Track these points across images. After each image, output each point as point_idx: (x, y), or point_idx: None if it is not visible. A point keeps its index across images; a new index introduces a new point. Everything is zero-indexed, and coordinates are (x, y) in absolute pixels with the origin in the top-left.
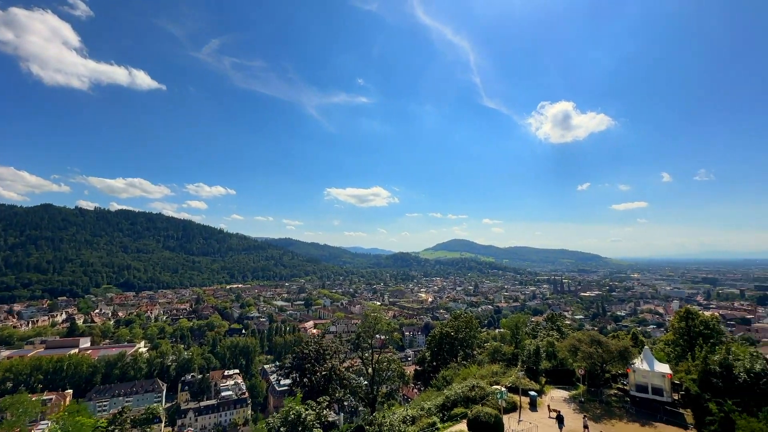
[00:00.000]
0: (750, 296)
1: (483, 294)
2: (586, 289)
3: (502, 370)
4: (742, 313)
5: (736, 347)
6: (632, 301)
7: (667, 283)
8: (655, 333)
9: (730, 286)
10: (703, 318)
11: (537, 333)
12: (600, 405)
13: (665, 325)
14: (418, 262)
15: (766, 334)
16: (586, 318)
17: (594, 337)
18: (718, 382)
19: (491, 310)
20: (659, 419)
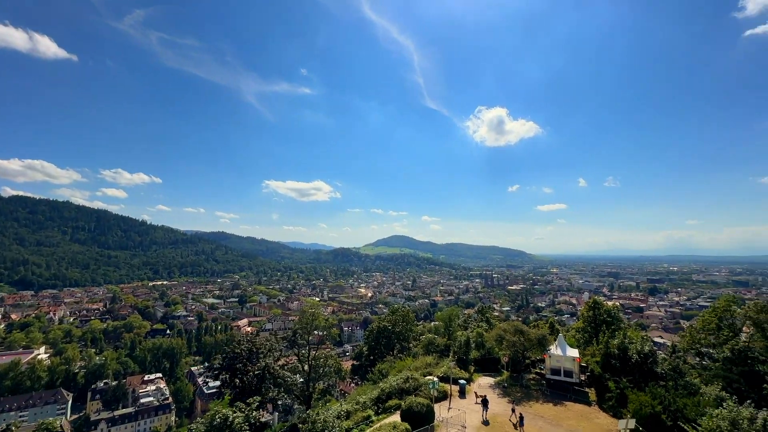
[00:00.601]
0: (643, 288)
1: (420, 288)
2: (513, 282)
3: (435, 361)
4: (637, 302)
5: (631, 332)
6: (551, 293)
7: (580, 277)
8: (569, 321)
9: (628, 279)
10: (606, 307)
11: (468, 325)
12: (521, 389)
13: (577, 314)
14: (359, 258)
15: (654, 320)
16: (512, 309)
17: (517, 327)
18: (616, 363)
19: (428, 303)
20: (569, 398)
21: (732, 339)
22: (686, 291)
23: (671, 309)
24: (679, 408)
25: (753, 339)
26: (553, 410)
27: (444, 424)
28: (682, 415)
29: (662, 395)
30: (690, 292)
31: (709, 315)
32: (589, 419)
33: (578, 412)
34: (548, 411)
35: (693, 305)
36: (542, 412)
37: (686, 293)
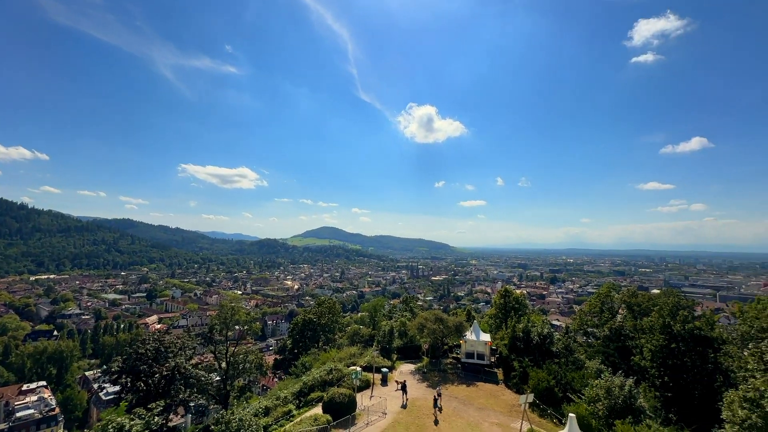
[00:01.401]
0: (546, 277)
1: (349, 280)
2: (437, 273)
3: (359, 351)
4: (540, 290)
5: (534, 317)
6: (470, 283)
7: (495, 268)
8: (484, 308)
9: (534, 269)
10: (515, 295)
11: (393, 315)
12: (438, 373)
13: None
14: (286, 249)
15: (553, 305)
16: (435, 299)
17: (437, 315)
18: (521, 345)
19: (355, 295)
20: (480, 379)
21: (610, 320)
22: (579, 280)
23: (567, 295)
24: (569, 381)
25: (625, 319)
26: (466, 391)
27: (365, 412)
28: (570, 387)
29: (556, 371)
30: (582, 281)
31: (594, 300)
32: (496, 397)
33: (488, 391)
34: (462, 392)
35: (583, 292)
36: (456, 393)
37: (579, 282)
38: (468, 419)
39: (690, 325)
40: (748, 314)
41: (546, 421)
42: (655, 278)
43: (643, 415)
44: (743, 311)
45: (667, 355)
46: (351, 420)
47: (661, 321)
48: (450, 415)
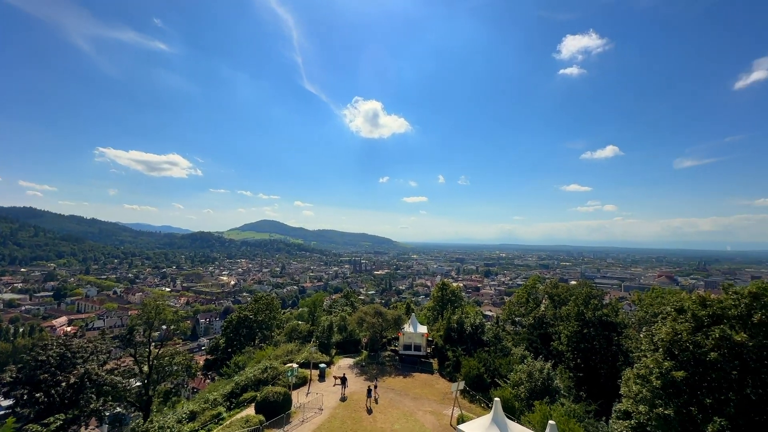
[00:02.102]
0: (481, 271)
1: (290, 275)
2: (379, 268)
3: (297, 348)
4: (476, 283)
5: (468, 308)
6: (411, 277)
7: (435, 262)
8: (424, 301)
9: (471, 263)
10: (452, 288)
11: (334, 309)
12: (377, 366)
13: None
14: (222, 243)
15: (487, 297)
16: (377, 293)
17: (377, 309)
18: (455, 335)
19: (296, 290)
20: (417, 370)
21: (535, 309)
22: (510, 273)
23: (499, 287)
24: (496, 367)
25: (547, 308)
26: (403, 382)
27: (301, 410)
28: (498, 373)
29: (485, 359)
30: (512, 274)
31: (521, 291)
32: (431, 386)
33: (423, 381)
34: (398, 383)
35: (513, 284)
36: (393, 384)
37: (510, 274)
38: (403, 409)
39: (599, 312)
40: (644, 302)
41: (475, 406)
42: (573, 271)
43: (558, 395)
44: (641, 299)
45: (580, 340)
46: (285, 419)
47: (576, 309)
48: (386, 407)
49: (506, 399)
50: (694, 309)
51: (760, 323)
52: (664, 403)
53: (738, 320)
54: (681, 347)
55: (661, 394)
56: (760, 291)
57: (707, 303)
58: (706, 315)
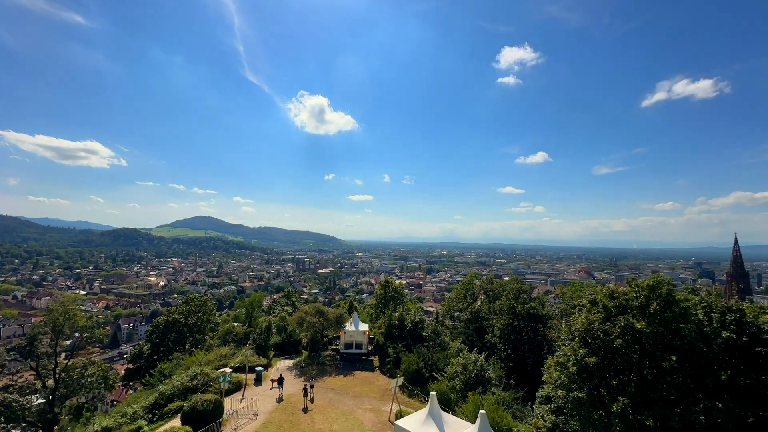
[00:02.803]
0: (423, 268)
1: (227, 275)
2: (323, 266)
3: (231, 352)
4: (418, 280)
5: (410, 305)
6: (355, 275)
7: (379, 260)
8: (368, 299)
9: (414, 261)
10: (394, 286)
11: (274, 309)
12: (317, 366)
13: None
14: (150, 241)
15: (428, 293)
16: (321, 291)
17: (318, 308)
18: (395, 332)
19: (234, 290)
20: (357, 368)
21: (471, 304)
22: (450, 270)
23: (440, 284)
24: (435, 362)
25: (483, 303)
26: (343, 381)
27: (234, 417)
28: (435, 367)
29: (424, 353)
30: (452, 271)
31: (459, 288)
32: (371, 383)
33: (364, 379)
34: (339, 382)
35: (453, 280)
36: (333, 384)
37: (450, 271)
38: (342, 408)
39: (528, 306)
40: (566, 295)
41: (414, 401)
42: (507, 267)
43: (490, 385)
44: (563, 293)
45: (511, 332)
46: (216, 428)
47: (507, 303)
48: (325, 407)
49: (443, 392)
50: (605, 301)
51: (655, 312)
52: (578, 387)
53: (639, 310)
54: (593, 336)
55: (577, 379)
56: (656, 284)
57: (615, 295)
58: (614, 306)
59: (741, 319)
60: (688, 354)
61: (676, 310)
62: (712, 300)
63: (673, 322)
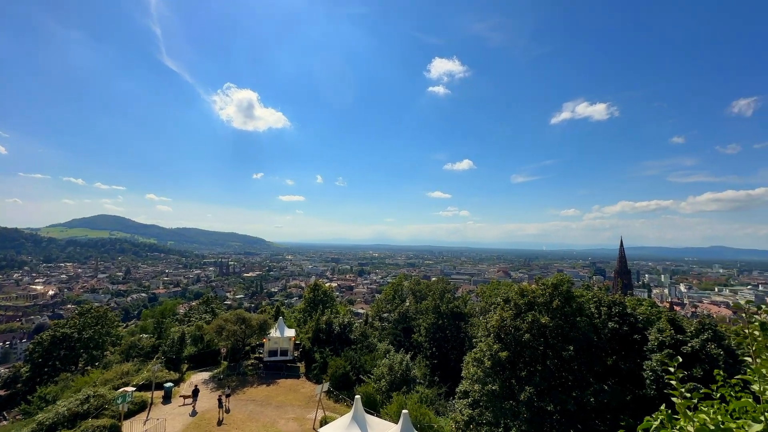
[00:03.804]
0: (355, 270)
1: (136, 280)
2: (250, 269)
3: (135, 368)
4: (349, 282)
5: (340, 307)
6: (284, 278)
7: (310, 262)
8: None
9: (346, 263)
10: (324, 289)
11: (190, 318)
12: (238, 377)
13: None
14: (37, 243)
15: (359, 295)
16: (246, 296)
17: (239, 315)
18: (323, 336)
19: (145, 298)
20: (282, 376)
21: (400, 305)
22: (381, 271)
23: (371, 286)
24: (362, 364)
25: (411, 304)
26: (266, 390)
27: None
28: (363, 369)
29: (352, 357)
30: (383, 272)
31: (389, 289)
32: (296, 391)
33: (288, 387)
34: (261, 393)
35: (384, 282)
36: (255, 395)
37: (381, 273)
38: (264, 421)
39: (452, 305)
40: (485, 293)
41: (340, 405)
42: (435, 268)
43: (414, 383)
44: (483, 291)
45: (436, 330)
46: None
47: (433, 303)
48: (245, 420)
49: (369, 394)
50: (516, 299)
51: (557, 308)
52: (492, 380)
53: (544, 306)
54: (506, 331)
55: (491, 373)
56: (558, 282)
57: (525, 293)
58: (523, 303)
59: (623, 311)
60: (582, 344)
61: (573, 305)
62: (601, 295)
63: (571, 315)
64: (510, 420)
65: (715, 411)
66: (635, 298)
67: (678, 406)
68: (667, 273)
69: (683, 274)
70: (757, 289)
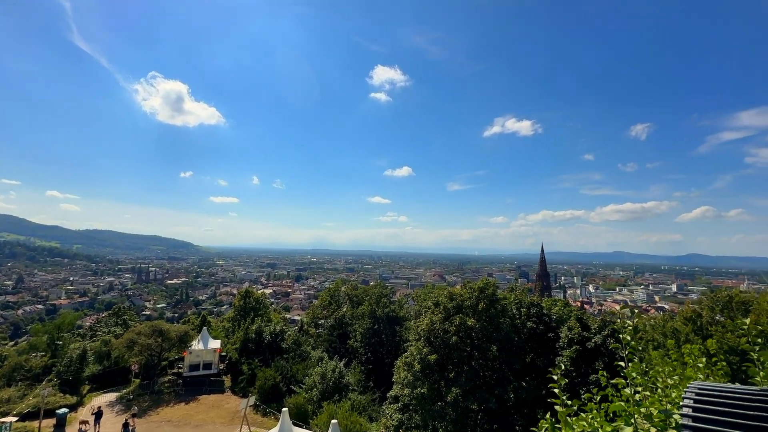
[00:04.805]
0: (292, 275)
1: (31, 290)
2: (174, 276)
3: (19, 393)
4: (286, 288)
5: (274, 315)
6: (214, 285)
7: (243, 267)
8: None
9: (283, 268)
10: (256, 295)
11: (96, 332)
12: (151, 396)
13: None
14: None
15: (296, 301)
16: (169, 305)
17: (156, 326)
18: (252, 346)
19: (42, 310)
20: (205, 392)
21: (336, 311)
22: (320, 276)
23: (309, 291)
24: (294, 374)
25: (347, 309)
26: (185, 409)
27: None
28: (294, 379)
29: (283, 366)
30: (322, 277)
31: (325, 294)
32: (219, 407)
33: (211, 403)
34: (178, 412)
35: (322, 287)
36: (170, 415)
37: (320, 278)
38: None
39: (388, 309)
40: (420, 297)
41: (268, 419)
42: (374, 273)
43: (347, 390)
44: (418, 295)
45: (371, 335)
46: None
47: (369, 308)
48: None
49: (300, 405)
50: (445, 302)
51: (482, 310)
52: (422, 384)
53: (470, 309)
54: (435, 335)
55: (420, 377)
56: (484, 285)
57: (453, 297)
58: (452, 306)
59: (540, 311)
60: (505, 343)
61: (497, 307)
62: (522, 297)
63: (495, 317)
64: (438, 421)
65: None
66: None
67: (560, 414)
68: (579, 275)
69: (592, 276)
70: (648, 289)
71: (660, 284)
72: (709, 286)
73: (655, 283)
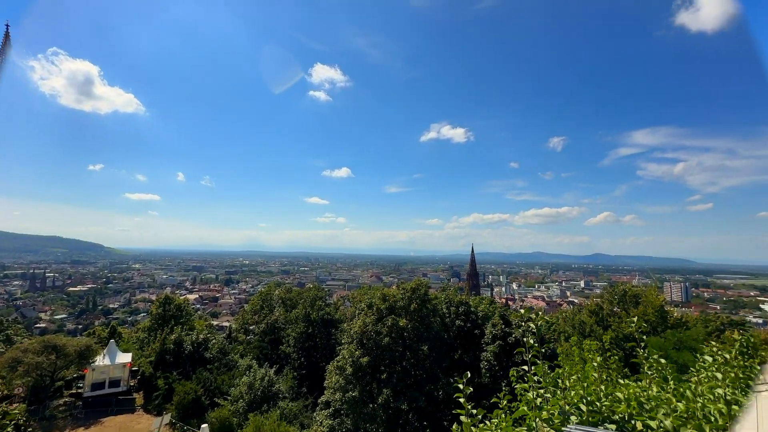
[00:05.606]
0: (221, 279)
1: None
2: (79, 282)
3: None
4: (214, 292)
5: (198, 322)
6: (129, 291)
7: (164, 272)
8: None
9: (211, 272)
10: (178, 302)
11: None
12: (42, 423)
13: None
14: None
15: (226, 306)
16: (72, 316)
17: (49, 341)
18: (170, 358)
19: None
20: (111, 413)
21: (269, 315)
22: (252, 279)
23: (240, 296)
24: (218, 385)
25: (280, 313)
26: None
27: None
28: (219, 391)
29: (206, 378)
30: (254, 281)
31: (256, 299)
32: (128, 428)
33: (118, 425)
34: None
35: (254, 291)
36: None
37: (252, 281)
38: None
39: (323, 312)
40: (356, 298)
41: None
42: (310, 275)
43: (278, 399)
44: (354, 296)
45: (305, 339)
46: None
47: (303, 311)
48: None
49: (224, 419)
50: (378, 304)
51: (414, 310)
52: (353, 387)
53: (403, 309)
54: (368, 337)
55: (352, 380)
56: (417, 286)
57: (386, 298)
58: (385, 308)
59: (467, 309)
60: (435, 342)
61: (429, 307)
62: (452, 296)
63: (426, 317)
64: (369, 424)
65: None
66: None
67: (465, 425)
68: (504, 274)
69: (515, 275)
70: (562, 285)
71: (571, 281)
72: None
73: (567, 280)
